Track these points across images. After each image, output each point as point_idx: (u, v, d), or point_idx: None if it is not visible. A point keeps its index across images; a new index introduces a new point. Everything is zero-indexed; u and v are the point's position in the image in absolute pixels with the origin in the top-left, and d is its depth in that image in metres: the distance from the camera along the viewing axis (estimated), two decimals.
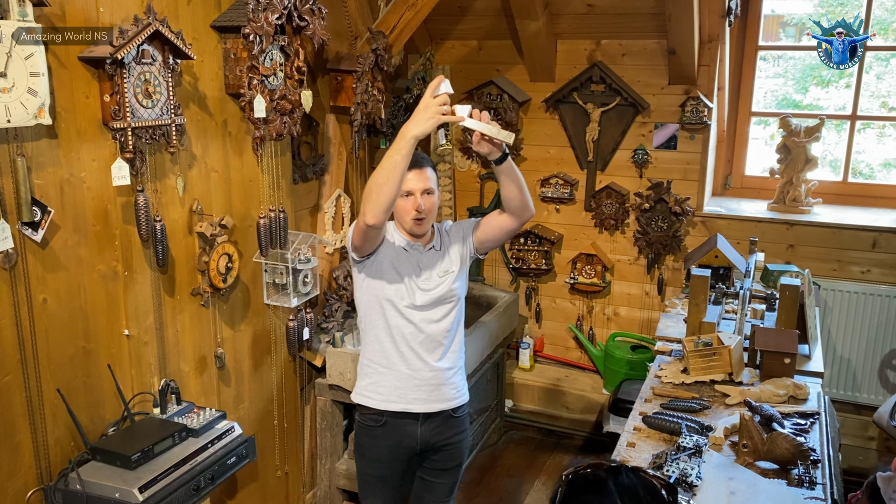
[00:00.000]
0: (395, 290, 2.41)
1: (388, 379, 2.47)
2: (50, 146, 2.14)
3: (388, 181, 2.14)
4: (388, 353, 2.46)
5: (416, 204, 2.38)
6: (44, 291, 2.17)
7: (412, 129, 2.12)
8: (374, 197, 2.16)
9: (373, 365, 2.49)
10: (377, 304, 2.43)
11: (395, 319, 2.43)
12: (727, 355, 2.60)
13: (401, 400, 2.46)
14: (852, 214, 3.94)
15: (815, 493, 1.94)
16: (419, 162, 2.39)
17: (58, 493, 2.17)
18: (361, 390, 2.52)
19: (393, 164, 2.13)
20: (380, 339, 2.46)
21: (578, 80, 4.09)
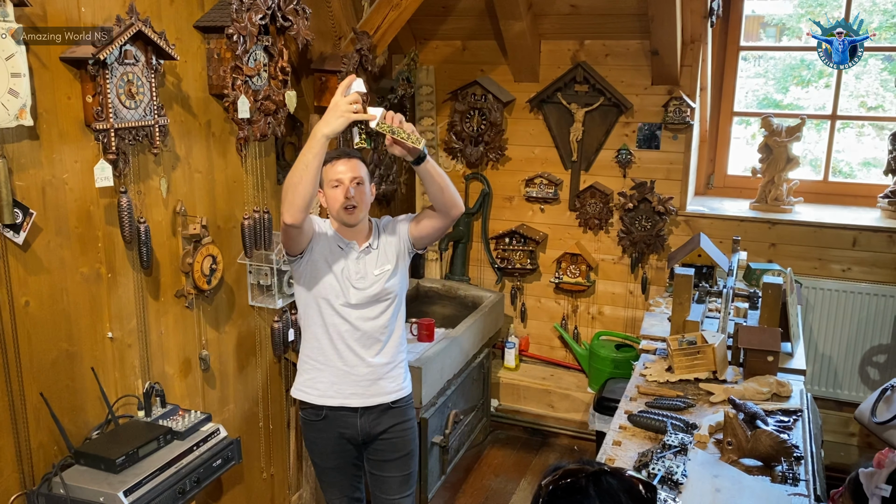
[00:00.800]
0: (331, 289, 2.46)
1: (325, 375, 2.52)
2: (31, 147, 2.12)
3: (301, 180, 2.19)
4: (324, 349, 2.50)
5: (345, 190, 2.41)
6: (26, 294, 2.15)
7: (322, 128, 2.18)
8: (290, 196, 2.21)
9: (310, 361, 2.54)
10: (314, 302, 2.48)
11: (331, 318, 2.47)
12: (711, 354, 2.62)
13: (338, 395, 2.52)
14: (833, 213, 3.99)
15: (799, 490, 1.96)
16: (348, 153, 2.48)
17: (41, 498, 2.15)
18: (300, 386, 2.58)
19: (305, 163, 2.20)
20: (317, 336, 2.51)
21: (562, 80, 4.11)
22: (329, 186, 2.45)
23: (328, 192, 2.46)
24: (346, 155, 2.48)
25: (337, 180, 2.43)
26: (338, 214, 2.45)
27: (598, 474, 1.00)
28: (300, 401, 2.60)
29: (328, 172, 2.45)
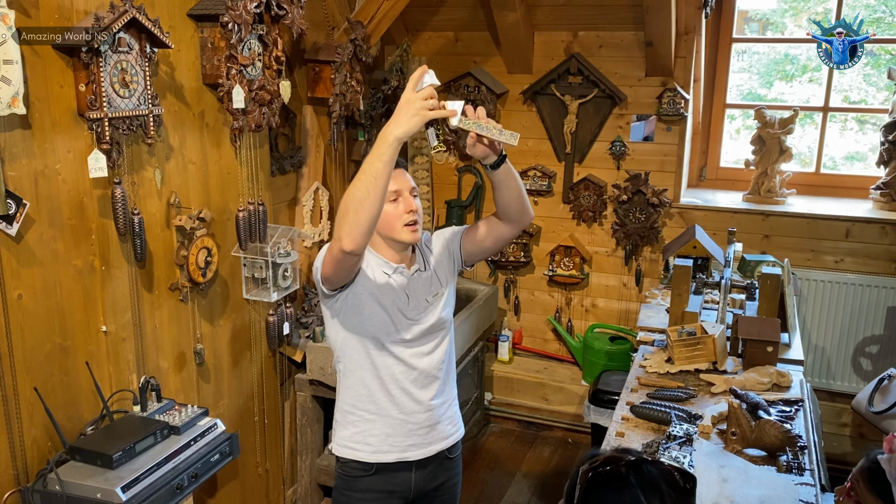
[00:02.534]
0: (381, 325, 2.07)
1: (377, 427, 2.14)
2: (24, 137, 2.07)
3: (369, 195, 1.76)
4: (375, 397, 2.12)
5: (408, 205, 2.05)
6: (18, 287, 2.10)
7: (394, 130, 1.76)
8: (353, 216, 1.78)
9: (357, 412, 2.15)
10: (358, 342, 2.09)
11: (382, 358, 2.10)
12: (711, 344, 2.61)
13: (394, 449, 2.15)
14: (826, 205, 4.00)
15: (805, 479, 1.95)
16: (397, 162, 1.98)
17: (36, 495, 2.10)
18: (345, 441, 2.18)
19: (375, 173, 1.76)
20: (365, 383, 2.12)
21: (556, 71, 4.09)
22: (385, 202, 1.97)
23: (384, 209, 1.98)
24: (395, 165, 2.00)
25: (395, 192, 2.04)
26: (398, 233, 2.06)
27: (638, 462, 0.98)
28: (342, 458, 2.19)
29: None
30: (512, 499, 3.76)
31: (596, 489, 0.98)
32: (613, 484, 0.97)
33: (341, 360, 2.16)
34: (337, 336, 2.13)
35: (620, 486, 0.97)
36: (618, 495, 0.96)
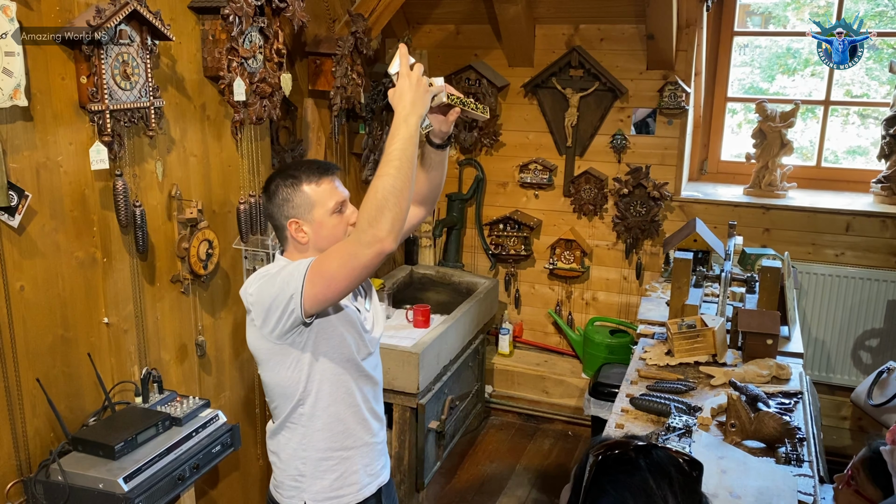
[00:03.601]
0: (353, 343, 1.89)
1: (355, 462, 1.96)
2: (25, 129, 2.08)
3: (408, 181, 1.63)
4: (351, 429, 1.94)
5: (352, 216, 1.89)
6: (21, 279, 2.11)
7: (413, 112, 1.67)
8: (396, 209, 1.62)
9: (334, 455, 1.93)
10: (331, 372, 1.88)
11: (356, 381, 1.93)
12: (711, 337, 2.62)
13: (372, 478, 2.01)
14: (826, 198, 4.00)
15: (803, 471, 1.96)
16: (330, 167, 1.91)
17: (38, 485, 2.11)
18: (325, 494, 1.94)
19: (411, 157, 1.64)
20: (340, 418, 1.92)
21: (557, 64, 4.09)
22: (326, 213, 1.86)
23: (326, 221, 1.86)
24: (330, 170, 1.91)
25: (339, 203, 1.88)
26: None
27: (648, 447, 1.00)
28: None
29: (317, 195, 1.86)
30: (512, 491, 3.78)
31: (606, 471, 0.99)
32: (623, 466, 0.99)
33: (305, 402, 1.89)
34: (301, 375, 1.86)
35: (630, 469, 0.98)
36: (628, 477, 0.97)
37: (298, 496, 1.95)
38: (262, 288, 1.79)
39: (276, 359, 1.86)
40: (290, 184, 1.87)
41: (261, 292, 1.79)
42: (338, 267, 1.67)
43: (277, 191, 1.88)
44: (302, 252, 1.89)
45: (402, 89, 1.70)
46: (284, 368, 1.86)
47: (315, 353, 1.85)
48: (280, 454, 1.98)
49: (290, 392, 1.88)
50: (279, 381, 1.88)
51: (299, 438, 1.92)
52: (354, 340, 1.90)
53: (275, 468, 2.03)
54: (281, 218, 1.89)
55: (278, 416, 1.95)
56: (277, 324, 1.77)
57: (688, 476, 0.97)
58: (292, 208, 1.86)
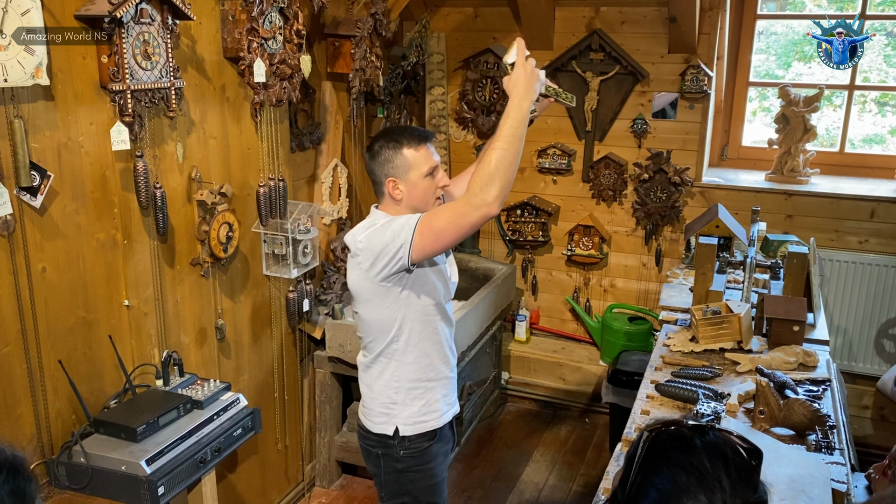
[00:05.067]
0: (440, 288, 2.17)
1: (436, 392, 2.22)
2: (47, 108, 2.06)
3: (515, 156, 1.91)
4: (434, 363, 2.21)
5: (443, 181, 2.17)
6: (42, 260, 2.10)
7: (525, 98, 1.96)
8: (505, 179, 1.90)
9: (422, 385, 2.19)
10: (422, 312, 2.14)
11: (440, 322, 2.20)
12: (737, 323, 2.58)
13: (449, 407, 2.28)
14: (850, 185, 3.94)
15: (835, 458, 1.93)
16: (426, 135, 2.17)
17: (61, 467, 2.11)
18: (414, 418, 2.20)
19: (521, 136, 1.93)
20: (426, 352, 2.18)
21: (577, 48, 4.03)
22: (420, 176, 2.11)
23: (419, 182, 2.11)
24: (428, 137, 2.16)
25: (432, 167, 2.13)
26: (430, 206, 2.16)
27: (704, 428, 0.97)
28: (403, 437, 2.20)
29: (414, 159, 2.11)
30: (529, 477, 3.76)
31: (660, 449, 0.96)
32: (678, 443, 0.96)
33: (400, 338, 2.14)
34: (398, 314, 2.11)
35: (685, 447, 0.95)
36: (681, 454, 0.95)
37: (390, 422, 2.20)
38: (373, 235, 2.04)
39: (377, 299, 2.10)
40: (392, 146, 2.12)
41: (371, 239, 2.04)
42: (447, 224, 1.95)
43: (381, 151, 2.13)
44: (396, 207, 2.15)
45: (517, 77, 1.98)
46: (384, 308, 2.11)
47: (410, 296, 2.10)
48: (373, 385, 2.22)
49: (386, 328, 2.13)
50: (378, 317, 2.13)
51: (392, 370, 2.18)
52: (441, 287, 2.17)
53: (366, 398, 2.27)
54: (381, 175, 2.14)
55: (372, 351, 2.20)
56: (384, 268, 2.03)
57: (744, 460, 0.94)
58: (392, 168, 2.12)
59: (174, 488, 2.12)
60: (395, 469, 2.23)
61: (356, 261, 2.11)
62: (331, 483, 3.63)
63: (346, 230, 3.64)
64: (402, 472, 2.23)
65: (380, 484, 2.30)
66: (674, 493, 0.92)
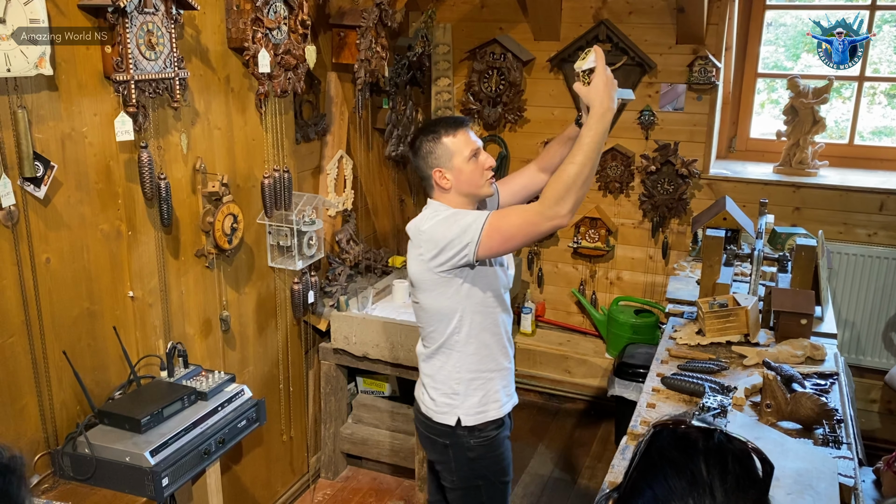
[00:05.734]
0: (500, 278, 2.21)
1: (496, 383, 2.25)
2: (50, 99, 2.05)
3: (592, 171, 1.94)
4: (494, 354, 2.23)
5: (487, 161, 2.17)
6: (46, 251, 2.09)
7: (610, 109, 1.95)
8: (579, 192, 1.93)
9: (482, 375, 2.22)
10: (482, 304, 2.17)
11: (500, 313, 2.22)
12: (744, 316, 2.56)
13: (509, 398, 2.32)
14: (859, 177, 3.91)
15: (843, 452, 1.91)
16: (464, 120, 2.20)
17: (66, 458, 2.11)
18: (476, 408, 2.23)
19: (599, 150, 1.95)
20: (486, 343, 2.21)
21: (584, 38, 4.00)
22: (463, 161, 2.14)
23: (464, 167, 2.14)
24: (464, 122, 2.19)
25: (474, 150, 2.15)
26: (481, 188, 2.18)
27: (711, 430, 0.93)
28: (470, 428, 2.23)
29: (454, 145, 2.14)
30: (535, 470, 3.75)
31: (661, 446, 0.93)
32: (679, 443, 0.93)
33: (461, 329, 2.17)
34: (457, 304, 2.14)
35: (686, 447, 0.92)
36: (679, 455, 0.92)
37: (452, 412, 2.22)
38: (437, 227, 2.08)
39: (440, 288, 2.13)
40: (432, 138, 2.16)
41: (435, 231, 2.08)
42: (517, 230, 2.00)
43: (422, 146, 2.17)
44: (447, 196, 2.18)
45: (599, 86, 1.94)
46: (445, 298, 2.14)
47: (472, 288, 2.13)
48: (435, 376, 2.25)
49: (447, 318, 2.16)
50: (438, 307, 2.16)
51: (455, 362, 2.20)
52: (499, 276, 2.20)
53: (428, 389, 2.29)
54: (427, 168, 2.18)
55: (434, 341, 2.23)
56: (448, 261, 2.07)
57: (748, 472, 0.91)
58: (435, 159, 2.16)
59: (178, 479, 2.12)
60: (466, 458, 2.27)
61: (418, 251, 2.14)
62: (336, 475, 3.63)
63: (351, 222, 3.63)
64: (474, 460, 2.27)
65: (450, 471, 2.32)
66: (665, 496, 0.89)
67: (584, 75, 1.98)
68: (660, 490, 0.90)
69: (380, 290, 3.63)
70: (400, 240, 4.19)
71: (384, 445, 3.53)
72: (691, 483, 0.89)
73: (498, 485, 2.33)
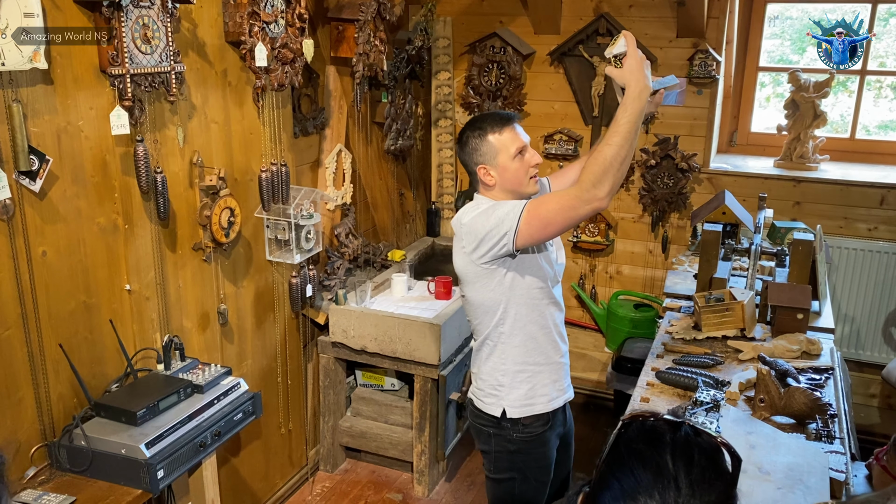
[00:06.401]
0: (545, 272, 2.17)
1: (545, 376, 2.22)
2: (46, 92, 2.05)
3: (629, 153, 1.90)
4: (542, 347, 2.21)
5: (533, 159, 2.13)
6: (43, 244, 2.10)
7: (645, 89, 1.90)
8: (617, 174, 1.89)
9: (528, 368, 2.20)
10: (527, 296, 2.14)
11: (547, 307, 2.19)
12: (740, 310, 2.56)
13: (560, 393, 2.27)
14: (860, 171, 3.89)
15: (835, 447, 1.92)
16: (511, 117, 2.16)
17: (62, 450, 2.12)
18: (522, 401, 2.21)
19: (635, 131, 1.90)
20: (533, 335, 2.18)
21: (584, 32, 3.99)
22: (508, 159, 2.10)
23: (509, 165, 2.10)
24: (511, 119, 2.15)
25: (520, 148, 2.11)
26: (525, 186, 2.14)
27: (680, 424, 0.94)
28: (514, 420, 2.21)
29: (499, 143, 2.11)
30: None
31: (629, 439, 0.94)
32: (646, 436, 0.94)
33: (506, 322, 2.16)
34: (501, 296, 2.13)
35: (653, 441, 0.93)
36: (647, 447, 0.92)
37: (498, 403, 2.22)
38: (477, 219, 2.07)
39: (482, 281, 2.13)
40: (478, 135, 2.13)
41: (475, 223, 2.08)
42: (555, 215, 1.96)
43: (468, 141, 2.15)
44: (492, 192, 2.16)
45: (632, 67, 1.91)
46: (489, 290, 2.13)
47: (515, 279, 2.11)
48: (482, 367, 2.25)
49: (491, 311, 2.16)
50: (483, 300, 2.16)
51: (499, 353, 2.20)
52: (545, 269, 2.15)
53: (476, 380, 2.30)
54: (472, 164, 2.17)
55: (480, 334, 2.23)
56: (488, 252, 2.06)
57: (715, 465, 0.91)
58: (480, 156, 2.13)
59: (174, 472, 2.13)
60: (507, 449, 2.26)
61: (461, 244, 2.14)
62: (335, 467, 3.65)
63: (350, 216, 3.64)
64: (514, 453, 2.26)
65: (489, 460, 2.32)
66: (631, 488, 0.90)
67: (616, 60, 1.97)
68: (627, 482, 0.91)
69: (378, 283, 3.64)
70: (399, 234, 4.20)
71: (383, 438, 3.55)
72: (657, 475, 0.90)
73: (533, 482, 2.30)
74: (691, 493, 0.88)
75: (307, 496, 3.47)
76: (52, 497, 2.00)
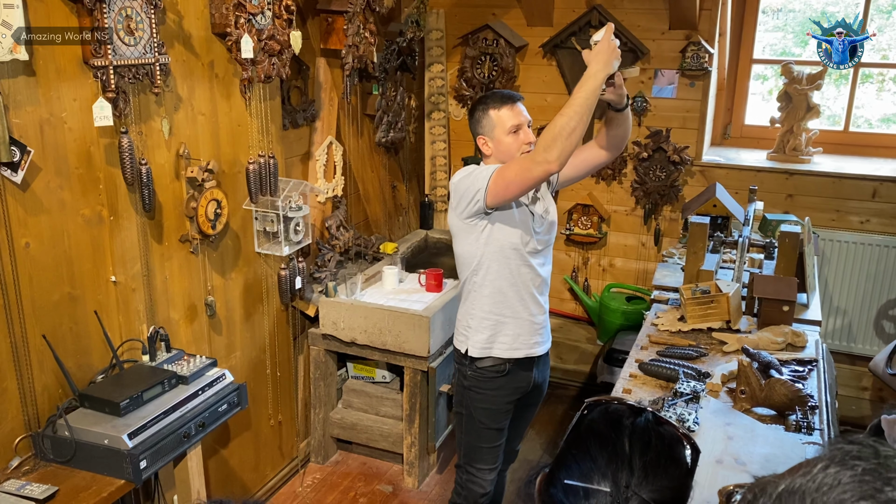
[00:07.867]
0: (520, 238, 2.39)
1: (510, 328, 2.46)
2: (28, 84, 2.06)
3: (580, 123, 2.11)
4: (510, 302, 2.44)
5: (527, 138, 2.37)
6: (26, 235, 2.11)
7: (603, 70, 2.14)
8: (565, 143, 2.10)
9: (493, 317, 2.45)
10: (500, 254, 2.39)
11: (518, 267, 2.41)
12: (725, 303, 2.56)
13: (523, 346, 2.48)
14: (853, 164, 3.88)
15: (814, 438, 1.92)
16: (513, 96, 2.41)
17: (46, 440, 2.13)
18: (483, 343, 2.47)
19: (588, 105, 2.11)
20: (502, 290, 2.42)
21: (577, 24, 3.98)
22: (503, 133, 2.37)
23: (503, 139, 2.37)
24: (513, 98, 2.40)
25: (515, 126, 2.37)
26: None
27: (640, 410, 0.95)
28: (472, 358, 2.48)
29: (498, 118, 2.37)
30: (524, 455, 3.76)
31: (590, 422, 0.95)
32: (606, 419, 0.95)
33: (478, 273, 2.42)
34: (477, 251, 2.40)
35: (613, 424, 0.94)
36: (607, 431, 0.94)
37: (464, 342, 2.51)
38: (462, 181, 2.35)
39: (463, 234, 2.41)
40: (482, 108, 2.41)
41: (460, 184, 2.35)
42: (514, 175, 2.21)
43: (474, 112, 2.43)
44: (488, 161, 2.43)
45: (600, 49, 2.16)
46: (468, 244, 2.42)
47: (490, 237, 2.37)
48: (459, 310, 2.56)
49: (468, 262, 2.44)
50: (463, 252, 2.45)
51: (472, 300, 2.48)
52: (521, 235, 2.38)
53: (455, 320, 2.61)
54: (474, 134, 2.46)
55: (460, 281, 2.52)
56: (466, 208, 2.34)
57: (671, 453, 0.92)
58: (481, 127, 2.41)
59: (157, 462, 2.15)
60: (462, 384, 2.55)
61: (452, 203, 2.41)
62: (326, 459, 3.66)
63: (341, 208, 3.64)
64: (467, 389, 2.53)
65: (454, 392, 2.66)
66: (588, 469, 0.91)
67: (595, 46, 2.20)
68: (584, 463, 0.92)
69: (370, 276, 3.64)
70: (392, 226, 4.20)
71: (374, 430, 3.56)
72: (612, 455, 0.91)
73: (475, 423, 2.54)
74: (644, 475, 0.89)
75: (298, 488, 3.49)
76: (36, 487, 2.01)
